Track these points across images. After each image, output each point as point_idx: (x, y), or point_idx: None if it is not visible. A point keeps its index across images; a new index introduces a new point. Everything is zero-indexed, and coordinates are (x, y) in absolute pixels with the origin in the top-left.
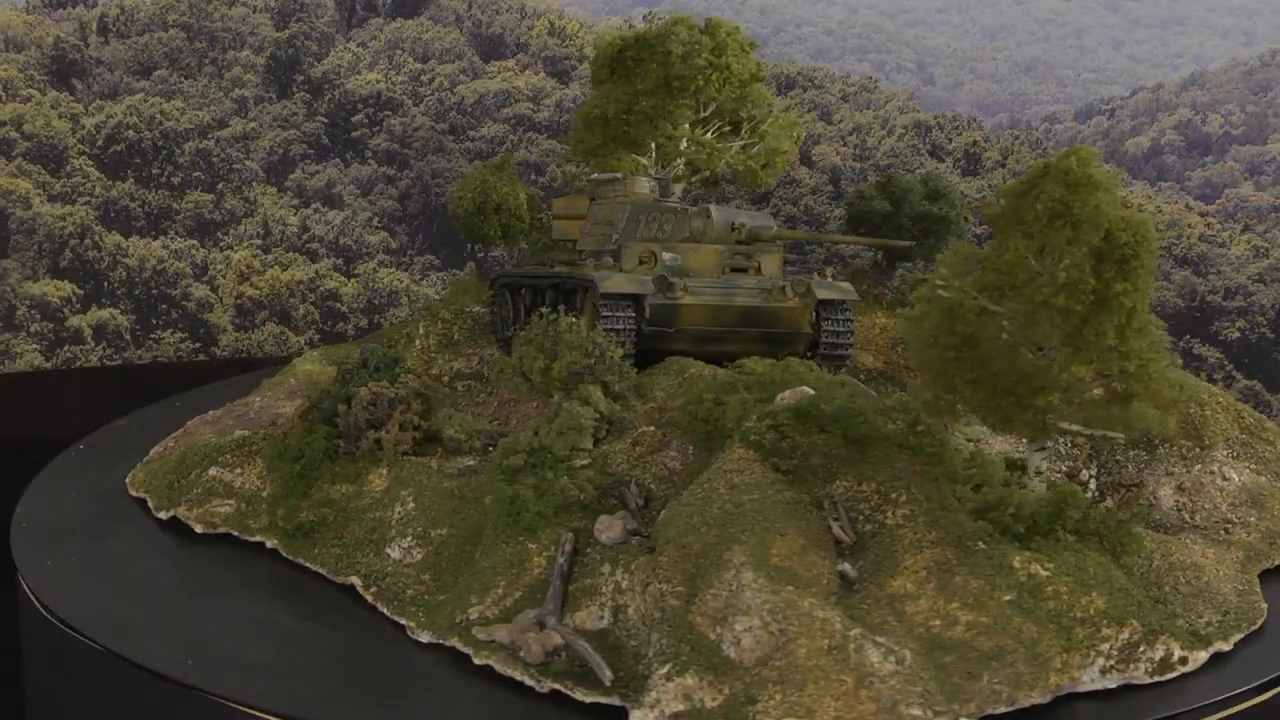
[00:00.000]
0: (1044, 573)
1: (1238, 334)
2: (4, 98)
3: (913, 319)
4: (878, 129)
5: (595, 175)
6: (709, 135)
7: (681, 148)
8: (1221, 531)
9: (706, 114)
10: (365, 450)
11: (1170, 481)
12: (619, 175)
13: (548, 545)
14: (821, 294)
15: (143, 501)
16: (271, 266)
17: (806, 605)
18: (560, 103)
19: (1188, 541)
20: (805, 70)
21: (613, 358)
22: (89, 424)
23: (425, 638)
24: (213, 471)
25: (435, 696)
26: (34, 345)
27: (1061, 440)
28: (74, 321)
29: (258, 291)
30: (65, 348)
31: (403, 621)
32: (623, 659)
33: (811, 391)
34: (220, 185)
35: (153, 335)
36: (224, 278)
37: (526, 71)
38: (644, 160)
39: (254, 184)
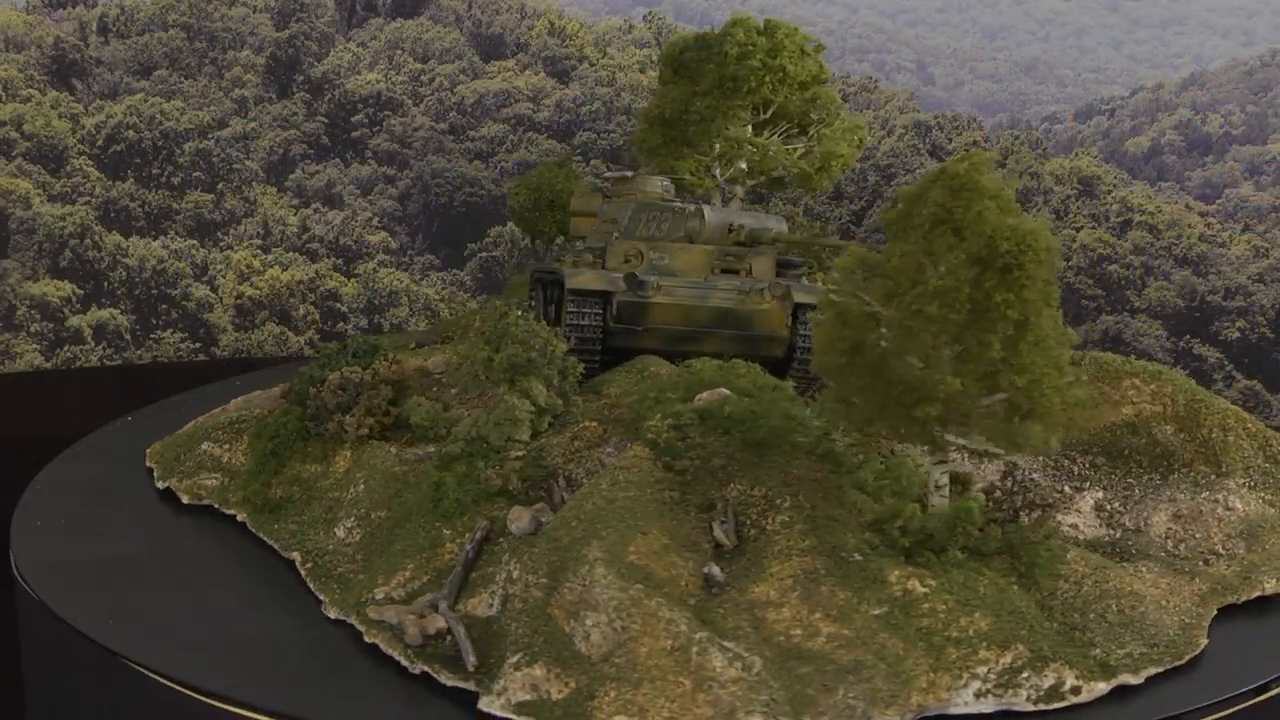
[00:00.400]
0: (922, 589)
1: (1238, 334)
2: (4, 98)
3: (816, 324)
4: (878, 129)
5: (608, 173)
6: (774, 137)
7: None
8: (1200, 562)
9: (766, 115)
10: (332, 432)
11: (1168, 509)
12: (629, 173)
13: (463, 532)
14: (799, 297)
15: (151, 471)
16: (271, 266)
17: (653, 605)
18: (560, 103)
19: (1142, 569)
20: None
21: (555, 352)
22: (89, 424)
23: (333, 614)
24: (204, 446)
25: (319, 669)
26: (34, 345)
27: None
28: (74, 321)
29: (258, 291)
30: (65, 348)
31: (321, 597)
32: (499, 647)
33: (729, 394)
34: (220, 185)
35: (153, 335)
36: (224, 278)
37: (526, 71)
38: (705, 160)
39: (254, 184)
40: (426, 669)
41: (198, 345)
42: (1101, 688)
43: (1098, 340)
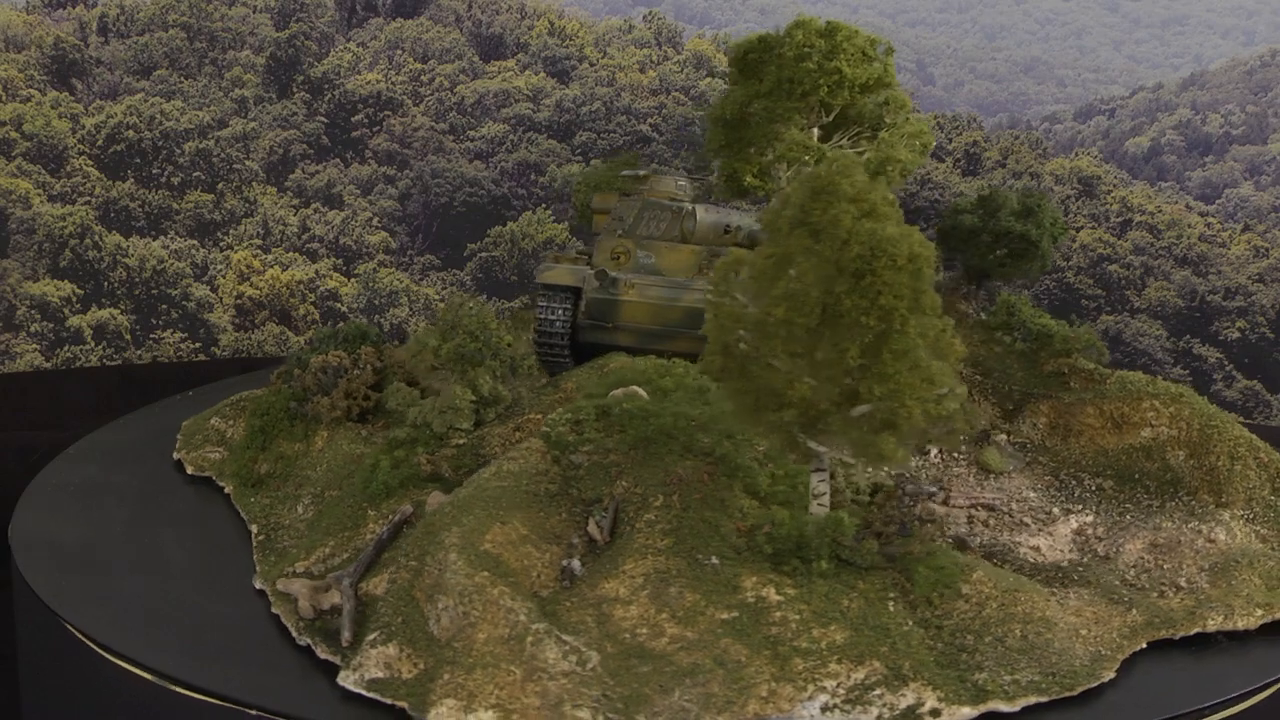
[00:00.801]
0: (776, 598)
1: (1238, 334)
2: (4, 98)
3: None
4: None
5: (627, 171)
6: (844, 140)
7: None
8: (1155, 593)
9: (829, 119)
10: (312, 413)
11: (1148, 537)
12: (643, 172)
13: (388, 514)
14: None
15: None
16: (271, 266)
17: (496, 593)
18: (560, 103)
19: (1070, 597)
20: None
21: (500, 343)
22: (89, 424)
23: (258, 585)
24: (213, 421)
25: (221, 638)
26: (34, 345)
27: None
28: (74, 321)
29: (258, 291)
30: (65, 348)
31: (257, 569)
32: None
33: (641, 392)
34: (220, 185)
35: (153, 335)
36: (224, 278)
37: (526, 71)
38: (762, 163)
39: (254, 184)
40: (309, 642)
41: (198, 345)
42: (966, 712)
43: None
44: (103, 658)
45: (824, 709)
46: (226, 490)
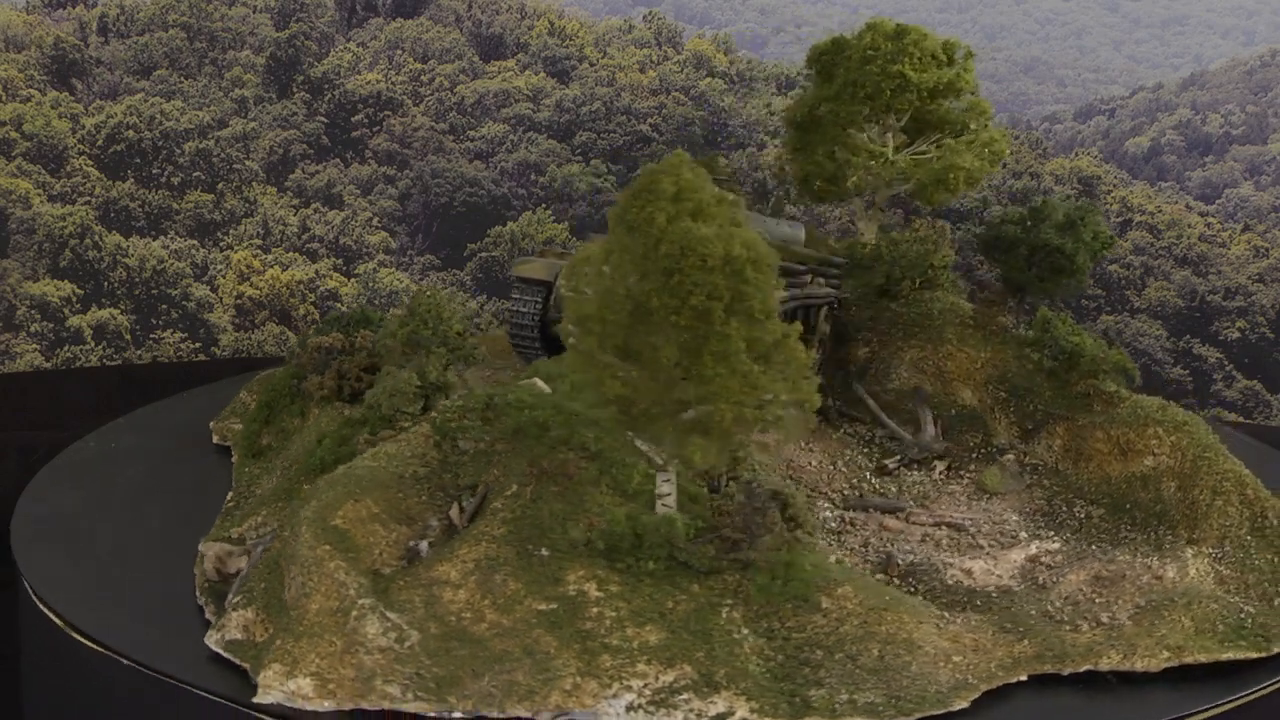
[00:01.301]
0: (597, 594)
1: (1238, 334)
2: (4, 98)
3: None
4: None
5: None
6: (924, 146)
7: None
8: (1068, 626)
9: (898, 123)
10: (304, 391)
11: (1095, 568)
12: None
13: None
14: None
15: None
16: (271, 266)
17: (333, 566)
18: (560, 103)
19: (957, 622)
20: (805, 70)
21: (451, 332)
22: (89, 424)
23: (200, 547)
24: (241, 394)
25: (152, 597)
26: (34, 345)
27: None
28: (74, 321)
29: (258, 291)
30: (65, 348)
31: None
32: None
33: (542, 385)
34: (220, 185)
35: (153, 335)
36: (224, 278)
37: (526, 71)
38: (828, 167)
39: (254, 184)
40: (203, 602)
41: (198, 345)
42: None
43: None
44: (103, 656)
45: (629, 708)
46: (233, 460)
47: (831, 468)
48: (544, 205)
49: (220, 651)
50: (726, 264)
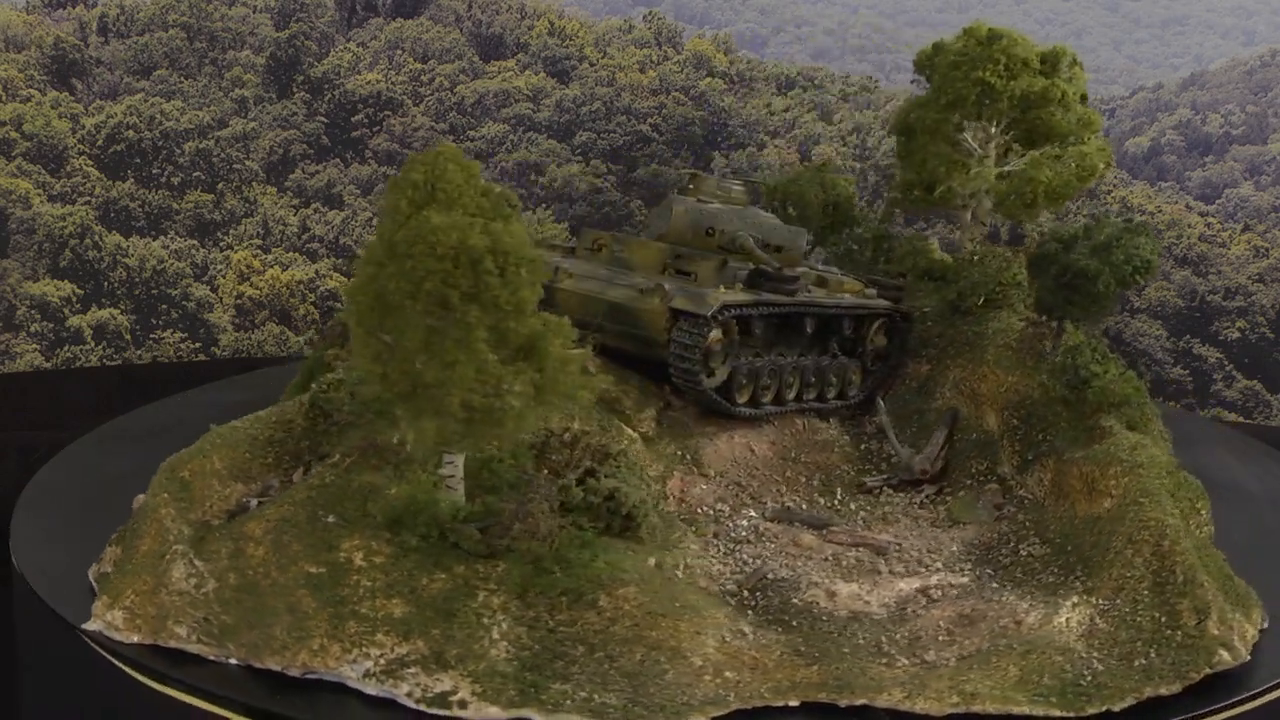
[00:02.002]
0: (361, 563)
1: (1238, 334)
2: (4, 98)
3: None
4: (877, 129)
5: (685, 170)
6: (1035, 155)
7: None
8: (883, 659)
9: (996, 130)
10: (326, 361)
11: (965, 607)
12: (696, 172)
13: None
14: (675, 303)
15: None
16: (271, 266)
17: (164, 513)
18: (560, 103)
19: (740, 636)
20: (805, 70)
21: None
22: (89, 424)
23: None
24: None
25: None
26: (34, 345)
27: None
28: (74, 321)
29: (258, 291)
30: (65, 348)
31: None
32: None
33: None
34: (220, 185)
35: (153, 335)
36: (224, 278)
37: (526, 71)
38: (925, 174)
39: (254, 184)
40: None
41: (198, 345)
42: (494, 712)
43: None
44: (103, 655)
45: (365, 674)
46: None
47: (805, 478)
48: (544, 205)
49: (92, 582)
50: (461, 253)
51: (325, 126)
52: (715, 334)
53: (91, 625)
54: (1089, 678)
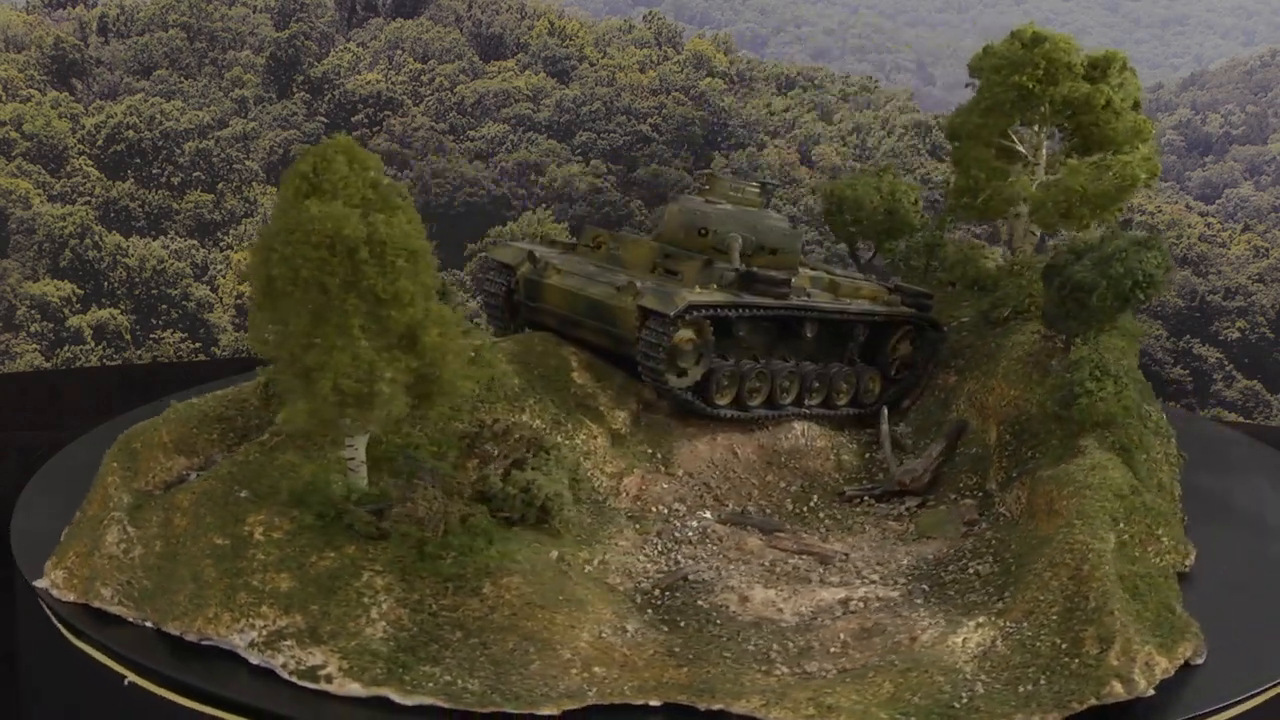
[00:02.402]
0: (260, 537)
1: (1238, 334)
2: (4, 98)
3: None
4: (878, 129)
5: (702, 171)
6: (1085, 163)
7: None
8: (764, 668)
9: (1042, 138)
10: None
11: (869, 620)
12: (712, 173)
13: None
14: (643, 301)
15: None
16: None
17: (110, 480)
18: (560, 103)
19: (640, 637)
20: (805, 70)
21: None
22: (89, 424)
23: None
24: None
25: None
26: (34, 345)
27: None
28: (74, 321)
29: None
30: (65, 348)
31: None
32: None
33: None
34: (220, 185)
35: (153, 335)
36: (224, 278)
37: (526, 71)
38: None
39: (254, 184)
40: None
41: (198, 345)
42: (356, 688)
43: None
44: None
45: (250, 644)
46: None
47: (786, 484)
48: (544, 205)
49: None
50: (337, 242)
51: (325, 126)
52: (685, 334)
53: (40, 582)
54: (965, 700)
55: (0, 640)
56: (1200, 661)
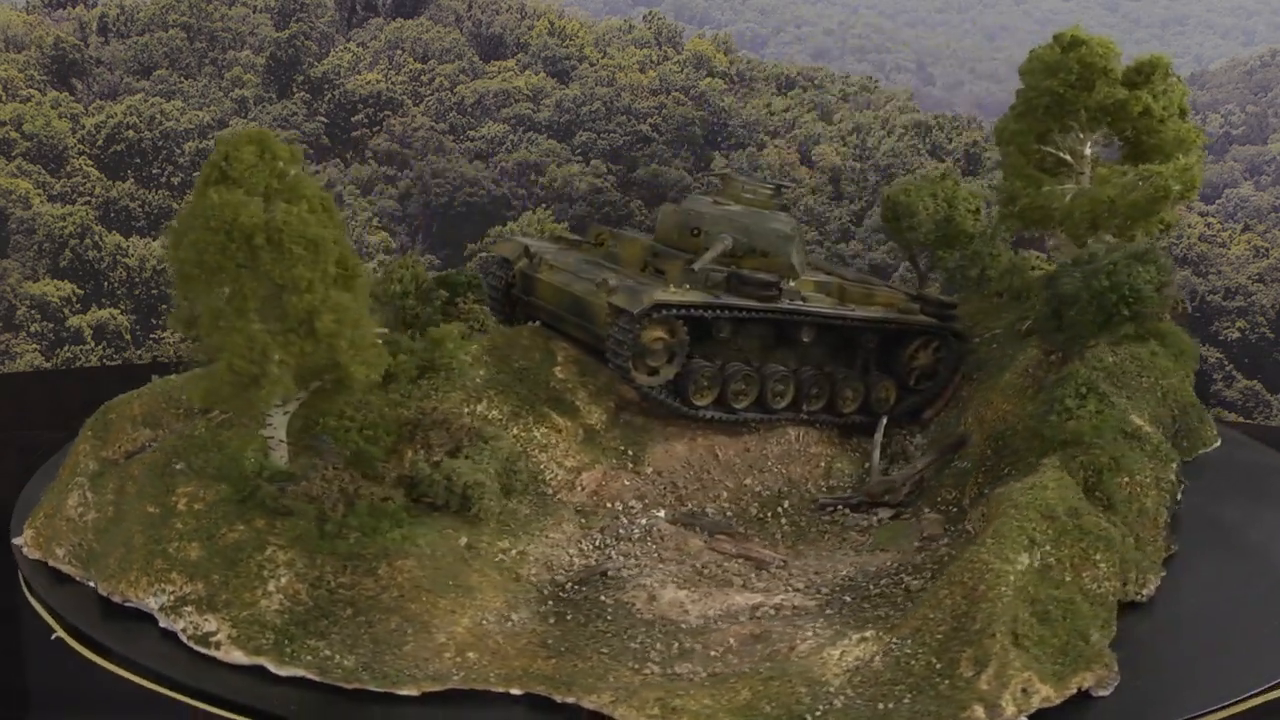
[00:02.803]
0: (183, 509)
1: (1238, 334)
2: (4, 98)
3: None
4: (878, 129)
5: (721, 169)
6: (1126, 172)
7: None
8: (635, 665)
9: (1085, 145)
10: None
11: (763, 627)
12: (727, 173)
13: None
14: (612, 299)
15: None
16: None
17: (82, 448)
18: (560, 103)
19: (522, 628)
20: (805, 70)
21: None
22: None
23: None
24: None
25: None
26: (34, 345)
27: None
28: (74, 321)
29: None
30: (65, 348)
31: None
32: None
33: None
34: None
35: (153, 335)
36: None
37: (526, 71)
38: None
39: None
40: None
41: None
42: (239, 655)
43: None
44: (105, 654)
45: (160, 607)
46: None
47: (761, 488)
48: (544, 205)
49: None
50: (234, 229)
51: (325, 126)
52: (654, 333)
53: (17, 539)
54: (819, 712)
55: (4, 644)
56: (1104, 694)
